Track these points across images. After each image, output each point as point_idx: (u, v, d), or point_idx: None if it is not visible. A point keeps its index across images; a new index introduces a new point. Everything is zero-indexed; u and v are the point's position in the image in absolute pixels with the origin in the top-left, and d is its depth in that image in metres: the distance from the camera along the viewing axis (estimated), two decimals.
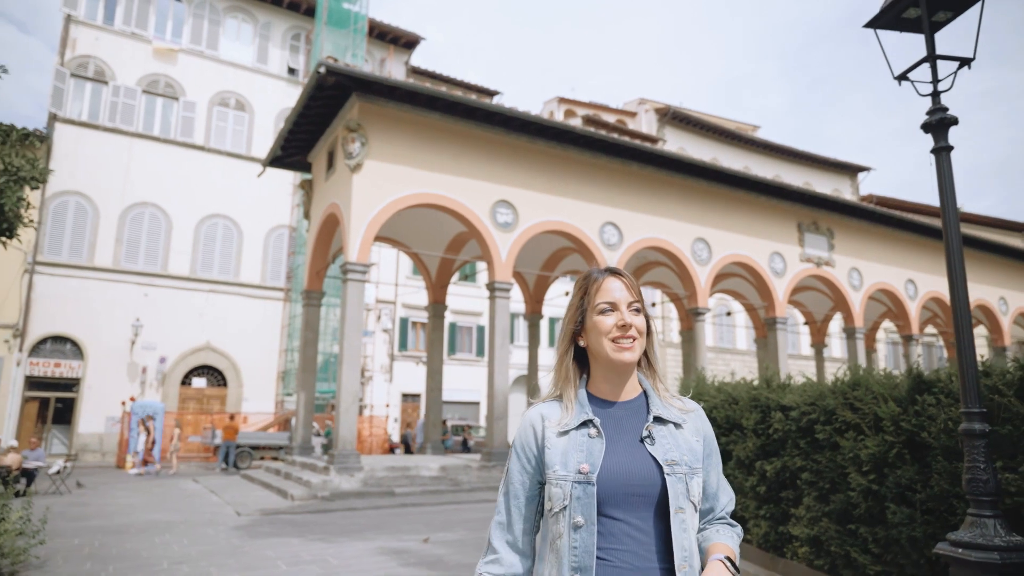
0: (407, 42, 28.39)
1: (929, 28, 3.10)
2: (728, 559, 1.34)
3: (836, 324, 26.20)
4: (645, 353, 1.49)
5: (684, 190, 17.45)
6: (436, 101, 13.73)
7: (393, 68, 28.14)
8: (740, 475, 5.06)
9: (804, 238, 19.93)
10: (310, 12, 25.72)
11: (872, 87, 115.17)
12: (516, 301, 21.70)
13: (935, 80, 3.14)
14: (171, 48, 23.19)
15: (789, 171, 39.68)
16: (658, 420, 1.41)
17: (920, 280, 22.79)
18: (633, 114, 38.28)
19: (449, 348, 26.26)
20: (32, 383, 20.03)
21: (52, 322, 20.17)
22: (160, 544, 7.34)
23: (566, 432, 1.38)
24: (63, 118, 21.26)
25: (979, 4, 2.99)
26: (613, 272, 1.48)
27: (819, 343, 25.05)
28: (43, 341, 20.17)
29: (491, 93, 31.13)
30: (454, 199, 14.04)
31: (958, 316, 3.16)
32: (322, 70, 12.24)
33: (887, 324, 29.85)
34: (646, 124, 36.93)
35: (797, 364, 34.11)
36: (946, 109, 3.14)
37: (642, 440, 1.37)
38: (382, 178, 13.31)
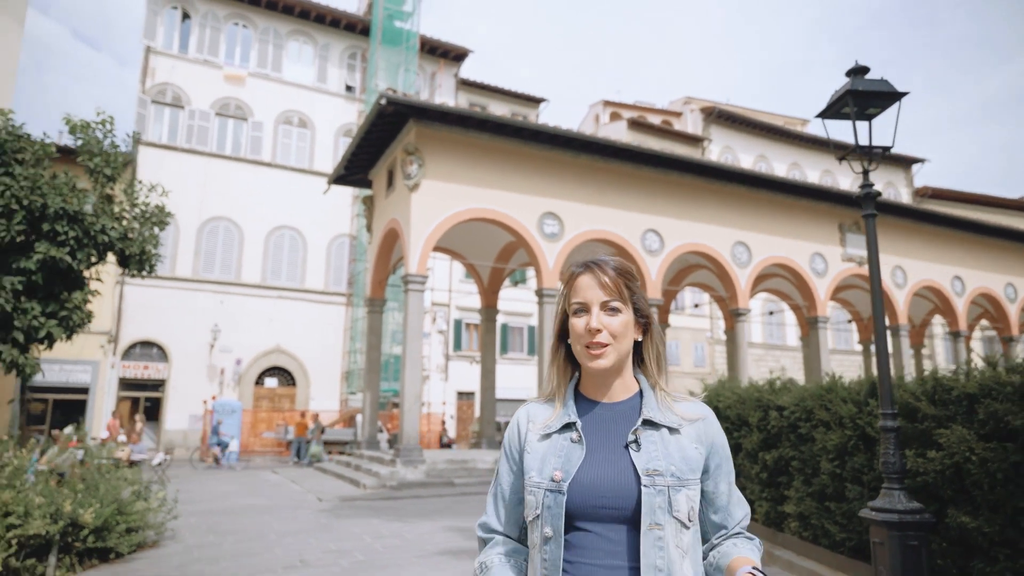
0: (456, 55, 29.68)
1: (859, 120, 4.04)
2: (757, 569, 1.19)
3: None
4: (643, 351, 1.37)
5: (723, 196, 18.16)
6: (486, 123, 14.88)
7: (443, 80, 29.49)
8: (747, 464, 6.04)
9: (846, 238, 20.34)
10: (365, 32, 27.27)
11: (932, 69, 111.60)
12: None
13: (868, 161, 4.09)
14: (239, 73, 25.01)
15: (839, 165, 39.32)
16: (648, 424, 1.28)
17: (968, 276, 22.83)
18: (678, 114, 38.68)
19: (501, 348, 27.46)
20: (124, 384, 22.11)
21: (141, 328, 22.18)
22: (262, 522, 8.72)
23: (548, 435, 1.31)
24: (146, 141, 23.26)
25: (897, 104, 3.94)
26: (589, 267, 1.34)
27: (866, 340, 25.27)
28: (133, 346, 22.21)
29: (537, 100, 32.20)
30: (504, 212, 15.17)
31: (880, 344, 4.09)
32: (383, 101, 13.53)
33: (942, 319, 29.68)
34: (692, 124, 37.24)
35: (850, 360, 34.12)
36: (872, 185, 4.09)
37: (627, 446, 1.26)
38: (438, 196, 14.53)
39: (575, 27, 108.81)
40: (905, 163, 40.89)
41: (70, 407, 20.96)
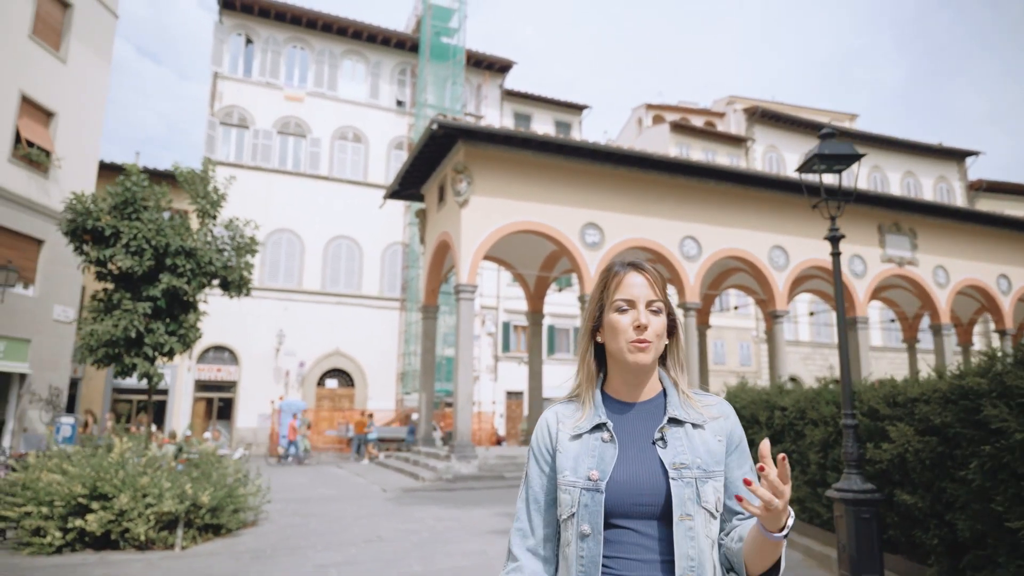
0: (501, 67, 30.83)
1: (824, 176, 4.95)
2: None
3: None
4: (667, 352, 1.43)
5: (760, 201, 18.78)
6: (529, 141, 15.93)
7: (489, 92, 30.68)
8: (756, 457, 6.95)
9: (885, 239, 20.66)
10: (414, 49, 28.64)
11: (996, 53, 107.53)
12: None
13: (834, 208, 4.99)
14: (298, 94, 26.67)
15: (889, 161, 38.83)
16: (673, 421, 1.34)
17: (1015, 275, 22.76)
18: (722, 114, 38.93)
19: (548, 348, 28.51)
20: (200, 386, 23.95)
21: (213, 334, 23.90)
22: (337, 508, 9.99)
23: (579, 436, 1.35)
24: (215, 161, 25.02)
25: (857, 163, 4.82)
26: (635, 266, 1.39)
27: (911, 338, 25.38)
28: (207, 350, 24.01)
29: (580, 108, 33.08)
30: (547, 224, 16.19)
31: (843, 356, 4.98)
32: (434, 126, 14.72)
33: None
34: (735, 124, 37.42)
35: (901, 357, 33.95)
36: (837, 229, 5.00)
37: (654, 443, 1.32)
38: (486, 210, 15.65)
39: (618, 28, 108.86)
40: (958, 156, 40.08)
41: (153, 407, 22.84)
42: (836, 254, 5.03)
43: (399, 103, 28.76)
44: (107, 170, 21.62)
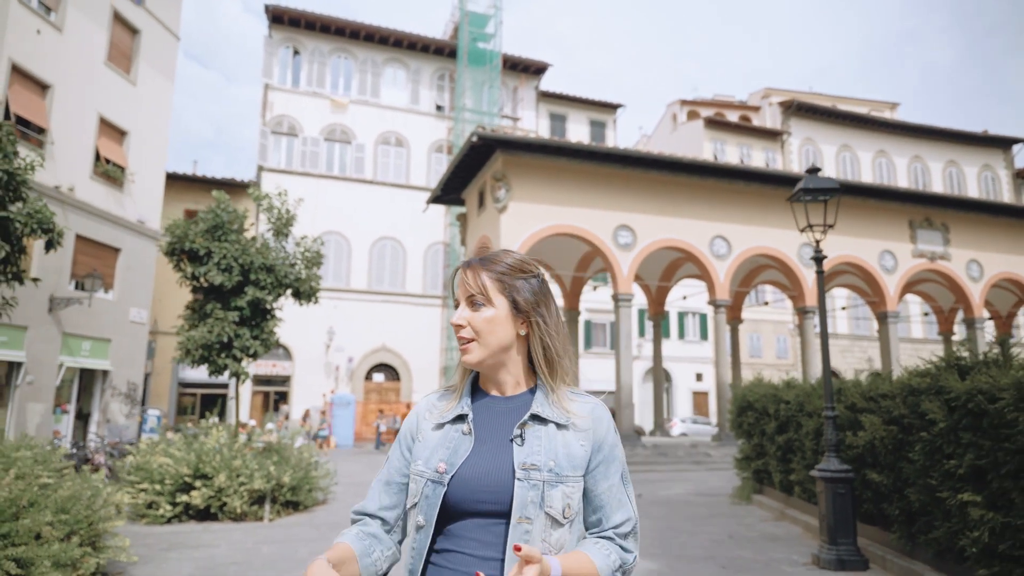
0: (536, 69, 31.72)
1: (808, 205, 5.83)
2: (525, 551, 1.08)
3: None
4: (541, 344, 1.35)
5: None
6: (564, 148, 16.85)
7: (525, 94, 31.62)
8: (767, 443, 7.85)
9: (916, 234, 20.99)
10: (452, 54, 29.74)
11: None
12: (644, 301, 24.41)
13: (818, 234, 5.86)
14: (343, 101, 28.02)
15: (930, 151, 38.49)
16: (536, 419, 1.29)
17: None
18: (757, 108, 39.08)
19: (585, 343, 29.44)
20: (257, 380, 25.54)
21: None
22: None
23: (441, 425, 1.33)
24: (267, 168, 26.59)
25: (837, 195, 5.68)
26: (464, 264, 1.37)
27: (947, 331, 25.54)
28: None
29: (614, 107, 33.76)
30: (581, 227, 17.10)
31: (825, 358, 5.85)
32: (474, 138, 15.76)
33: None
34: (770, 118, 37.53)
35: (940, 350, 33.86)
36: (821, 251, 5.87)
37: (512, 440, 1.27)
38: (523, 215, 16.64)
39: (653, 22, 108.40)
40: (1004, 144, 39.42)
41: (214, 400, 24.55)
42: (819, 271, 5.89)
43: (438, 108, 29.91)
44: (169, 179, 23.23)
